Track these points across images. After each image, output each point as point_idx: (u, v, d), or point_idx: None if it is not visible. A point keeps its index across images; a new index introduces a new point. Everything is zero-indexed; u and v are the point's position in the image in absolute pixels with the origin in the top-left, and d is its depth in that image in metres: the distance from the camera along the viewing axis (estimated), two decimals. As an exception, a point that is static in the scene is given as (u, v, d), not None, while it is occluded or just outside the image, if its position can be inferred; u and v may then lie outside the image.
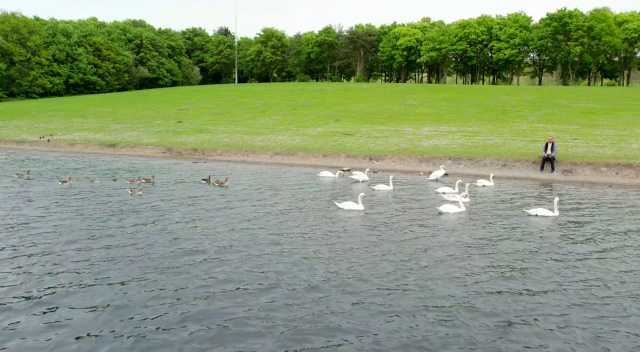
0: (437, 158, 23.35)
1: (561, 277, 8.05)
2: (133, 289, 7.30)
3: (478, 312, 6.61)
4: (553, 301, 7.04)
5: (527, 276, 8.08)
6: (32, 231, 10.58)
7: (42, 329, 6.00)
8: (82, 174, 20.58)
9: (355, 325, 6.21)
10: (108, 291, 7.23)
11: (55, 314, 6.40)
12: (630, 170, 19.49)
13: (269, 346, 5.67)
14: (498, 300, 7.04)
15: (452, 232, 11.03)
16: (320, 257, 9.00)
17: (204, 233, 10.59)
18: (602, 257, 9.14)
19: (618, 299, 7.11)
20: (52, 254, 8.96)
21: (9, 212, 12.58)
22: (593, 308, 6.79)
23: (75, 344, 5.67)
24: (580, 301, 7.03)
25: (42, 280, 7.61)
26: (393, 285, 7.59)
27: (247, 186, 17.54)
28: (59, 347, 5.58)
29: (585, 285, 7.67)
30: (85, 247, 9.40)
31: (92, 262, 8.49)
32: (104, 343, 5.69)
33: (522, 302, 7.00)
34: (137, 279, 7.71)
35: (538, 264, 8.74)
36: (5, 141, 36.53)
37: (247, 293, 7.21)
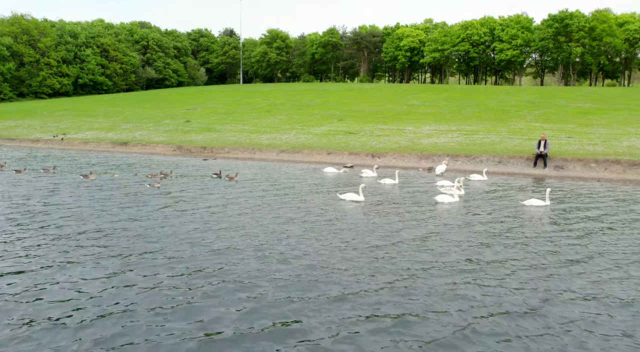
0: (436, 155, 24.48)
1: (549, 247, 9.15)
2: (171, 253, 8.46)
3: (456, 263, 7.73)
4: (531, 263, 8.14)
5: (517, 248, 9.17)
6: (70, 212, 11.76)
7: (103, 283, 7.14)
8: (101, 169, 21.79)
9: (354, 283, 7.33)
10: (148, 258, 8.38)
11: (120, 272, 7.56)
12: (617, 166, 20.55)
13: (265, 288, 6.80)
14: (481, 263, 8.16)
15: (447, 216, 12.13)
16: (319, 236, 10.12)
17: (218, 217, 11.73)
18: (584, 235, 10.21)
19: (592, 266, 8.19)
20: (88, 230, 10.12)
21: (44, 199, 13.77)
22: (560, 271, 7.89)
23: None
24: (554, 266, 8.12)
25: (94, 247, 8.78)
26: (383, 254, 8.71)
27: (256, 180, 18.70)
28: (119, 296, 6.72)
29: (562, 256, 8.76)
30: (120, 227, 10.56)
31: (128, 238, 9.64)
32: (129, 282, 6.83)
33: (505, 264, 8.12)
34: (173, 249, 8.86)
35: (526, 239, 9.83)
36: (20, 139, 37.87)
37: (261, 258, 8.36)
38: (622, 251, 9.36)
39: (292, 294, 6.91)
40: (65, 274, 7.66)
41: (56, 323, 5.95)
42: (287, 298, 6.78)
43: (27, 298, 6.67)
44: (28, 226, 10.68)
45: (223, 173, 19.43)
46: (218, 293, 6.95)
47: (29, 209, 12.50)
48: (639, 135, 26.37)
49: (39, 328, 5.82)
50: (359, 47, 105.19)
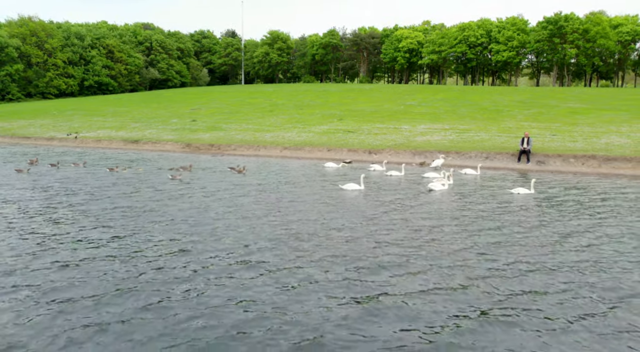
0: (428, 151, 26.35)
1: (531, 227, 11.01)
2: (203, 227, 10.33)
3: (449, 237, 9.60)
4: (511, 239, 10.00)
5: (501, 225, 11.03)
6: (104, 195, 13.64)
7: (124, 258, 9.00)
8: (123, 164, 23.65)
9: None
10: (178, 234, 10.25)
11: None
12: (593, 161, 22.43)
13: (273, 262, 8.66)
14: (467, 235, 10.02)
15: (441, 200, 14.01)
16: (323, 219, 11.99)
17: (232, 201, 13.60)
18: (561, 219, 12.07)
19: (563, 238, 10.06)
20: (123, 209, 11.99)
21: (82, 186, 15.66)
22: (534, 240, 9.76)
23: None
24: (529, 241, 9.99)
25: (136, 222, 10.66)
26: (381, 228, 10.58)
27: (263, 173, 20.58)
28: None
29: (539, 231, 10.62)
30: (152, 208, 12.42)
31: (164, 216, 11.52)
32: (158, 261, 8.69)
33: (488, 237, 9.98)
34: (203, 223, 10.73)
35: (510, 217, 11.70)
36: (35, 138, 39.76)
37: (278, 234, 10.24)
38: (589, 228, 11.24)
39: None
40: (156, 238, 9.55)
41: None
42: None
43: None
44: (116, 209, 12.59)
45: (235, 167, 21.31)
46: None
47: (101, 195, 14.41)
48: (619, 133, 28.24)
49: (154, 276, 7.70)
50: (358, 49, 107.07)
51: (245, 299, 6.72)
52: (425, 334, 5.80)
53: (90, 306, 6.46)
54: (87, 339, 5.57)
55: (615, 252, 9.16)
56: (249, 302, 6.63)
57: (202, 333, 5.74)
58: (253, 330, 5.83)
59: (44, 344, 5.45)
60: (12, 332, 5.72)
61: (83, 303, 6.54)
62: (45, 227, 10.62)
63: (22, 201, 13.63)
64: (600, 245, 9.65)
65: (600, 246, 9.59)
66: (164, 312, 6.29)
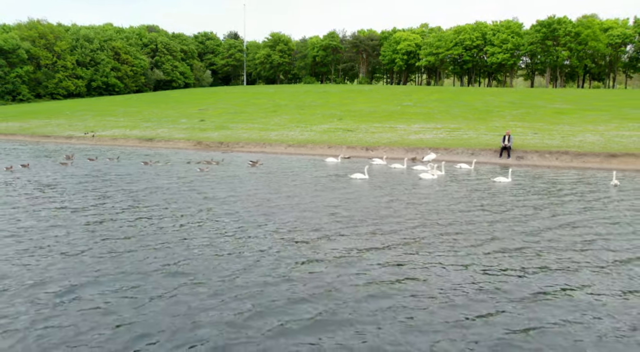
0: (419, 148, 29.01)
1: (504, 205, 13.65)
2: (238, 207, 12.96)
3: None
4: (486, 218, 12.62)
5: (482, 205, 13.67)
6: (147, 185, 16.30)
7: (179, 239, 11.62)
8: (149, 159, 26.32)
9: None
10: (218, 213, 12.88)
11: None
12: (566, 156, 25.09)
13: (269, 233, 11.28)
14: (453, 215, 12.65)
15: (431, 185, 16.66)
16: (334, 203, 14.65)
17: (252, 186, 16.26)
18: (529, 199, 14.71)
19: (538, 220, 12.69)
20: (169, 193, 14.63)
21: (135, 176, 18.32)
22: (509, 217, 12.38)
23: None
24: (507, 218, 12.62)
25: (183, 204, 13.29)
26: (382, 209, 13.21)
27: (274, 166, 23.25)
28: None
29: (513, 211, 13.26)
30: (191, 190, 15.07)
31: (206, 199, 14.17)
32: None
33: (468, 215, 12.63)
34: (239, 199, 13.37)
35: (490, 200, 14.33)
36: (55, 136, 42.43)
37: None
38: (549, 205, 13.91)
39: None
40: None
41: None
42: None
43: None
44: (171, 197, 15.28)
45: (250, 161, 24.00)
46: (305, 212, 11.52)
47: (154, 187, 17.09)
48: (594, 132, 30.90)
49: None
50: (358, 50, 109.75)
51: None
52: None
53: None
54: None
55: (569, 222, 11.72)
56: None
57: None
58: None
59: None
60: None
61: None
62: (150, 210, 13.29)
63: (100, 189, 16.29)
64: (554, 217, 12.30)
65: (554, 217, 12.25)
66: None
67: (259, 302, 6.70)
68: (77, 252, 8.83)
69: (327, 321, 6.18)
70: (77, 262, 8.28)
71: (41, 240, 9.60)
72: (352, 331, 5.93)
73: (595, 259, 8.84)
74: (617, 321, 6.30)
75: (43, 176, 18.93)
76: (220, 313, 6.36)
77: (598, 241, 10.05)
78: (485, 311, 6.55)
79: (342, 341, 5.70)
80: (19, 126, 48.57)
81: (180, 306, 6.56)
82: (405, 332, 5.93)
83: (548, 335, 5.91)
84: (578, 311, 6.56)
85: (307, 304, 6.67)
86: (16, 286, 7.18)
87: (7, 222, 11.02)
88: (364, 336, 5.81)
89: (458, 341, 5.73)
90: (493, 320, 6.28)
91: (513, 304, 6.75)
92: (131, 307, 6.51)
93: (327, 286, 7.35)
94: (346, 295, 7.01)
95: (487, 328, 6.05)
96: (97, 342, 5.59)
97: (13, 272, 7.74)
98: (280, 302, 6.73)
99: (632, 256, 9.02)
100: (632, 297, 7.09)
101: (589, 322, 6.26)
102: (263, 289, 7.17)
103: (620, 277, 7.88)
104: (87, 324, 6.02)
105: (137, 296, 6.90)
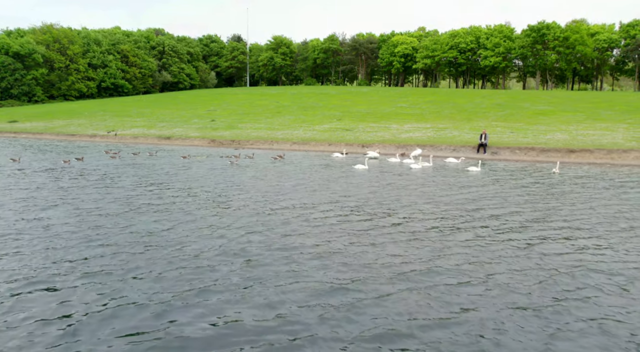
0: (409, 145, 33.11)
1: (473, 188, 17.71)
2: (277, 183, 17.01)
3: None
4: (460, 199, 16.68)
5: (459, 187, 17.73)
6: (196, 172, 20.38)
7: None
8: (182, 154, 30.42)
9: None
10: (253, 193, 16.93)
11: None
12: (533, 152, 29.20)
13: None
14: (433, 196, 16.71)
15: (419, 173, 20.75)
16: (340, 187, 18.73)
17: (278, 174, 20.35)
18: (494, 181, 18.79)
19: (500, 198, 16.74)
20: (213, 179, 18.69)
21: (169, 167, 22.43)
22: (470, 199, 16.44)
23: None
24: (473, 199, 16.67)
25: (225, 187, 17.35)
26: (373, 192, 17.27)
27: (293, 160, 27.38)
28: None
29: (479, 192, 17.31)
30: (231, 174, 19.15)
31: (249, 182, 18.23)
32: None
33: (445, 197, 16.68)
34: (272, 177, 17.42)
35: (467, 182, 18.41)
36: (79, 135, 46.54)
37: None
38: (521, 192, 18.04)
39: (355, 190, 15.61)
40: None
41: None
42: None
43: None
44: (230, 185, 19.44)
45: (274, 156, 28.16)
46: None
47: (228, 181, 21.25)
48: (564, 131, 34.99)
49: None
50: (357, 53, 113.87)
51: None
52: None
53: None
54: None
55: (518, 198, 15.88)
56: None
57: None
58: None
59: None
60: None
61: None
62: (231, 195, 17.40)
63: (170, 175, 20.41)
64: (504, 191, 16.41)
65: (503, 192, 16.37)
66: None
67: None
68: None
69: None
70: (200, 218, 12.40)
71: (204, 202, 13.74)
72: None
73: (471, 217, 12.97)
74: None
75: (121, 166, 23.11)
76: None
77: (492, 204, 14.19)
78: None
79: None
80: (44, 126, 52.68)
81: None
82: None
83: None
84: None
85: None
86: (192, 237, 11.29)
87: (147, 198, 15.15)
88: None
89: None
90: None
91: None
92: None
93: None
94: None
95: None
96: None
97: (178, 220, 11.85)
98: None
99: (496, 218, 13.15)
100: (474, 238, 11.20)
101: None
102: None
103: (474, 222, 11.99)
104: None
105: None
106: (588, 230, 11.47)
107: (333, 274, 8.22)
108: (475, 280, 8.02)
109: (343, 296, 7.28)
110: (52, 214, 12.36)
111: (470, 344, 5.96)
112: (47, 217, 11.99)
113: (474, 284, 7.86)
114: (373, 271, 8.37)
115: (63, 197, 14.80)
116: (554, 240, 10.54)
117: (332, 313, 6.70)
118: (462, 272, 8.41)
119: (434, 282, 7.93)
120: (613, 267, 8.79)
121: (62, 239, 10.09)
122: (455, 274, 8.29)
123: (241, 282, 7.75)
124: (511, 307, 6.98)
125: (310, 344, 5.91)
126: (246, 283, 7.73)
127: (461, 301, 7.19)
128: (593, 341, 6.09)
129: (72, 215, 12.33)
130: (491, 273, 8.38)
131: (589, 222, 12.25)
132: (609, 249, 9.94)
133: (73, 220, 11.76)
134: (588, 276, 8.32)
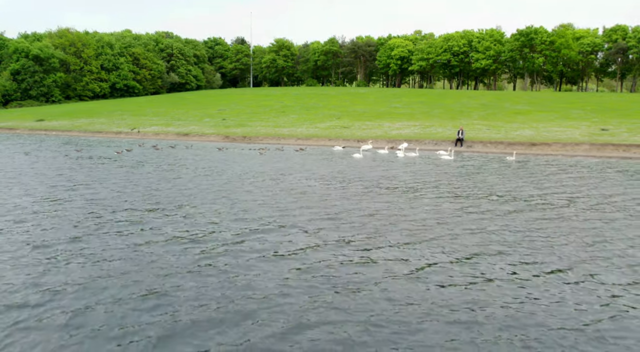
0: (397, 140, 38.46)
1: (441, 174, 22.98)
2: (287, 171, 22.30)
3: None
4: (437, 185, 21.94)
5: (433, 172, 23.01)
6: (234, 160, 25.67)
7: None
8: (215, 147, 35.71)
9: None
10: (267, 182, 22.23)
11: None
12: (501, 145, 34.55)
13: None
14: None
15: (405, 162, 26.04)
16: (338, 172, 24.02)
17: (291, 161, 25.65)
18: (462, 168, 24.06)
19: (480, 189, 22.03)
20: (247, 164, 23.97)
21: (210, 156, 27.76)
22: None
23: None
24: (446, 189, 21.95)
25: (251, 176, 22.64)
26: (366, 177, 22.57)
27: (311, 152, 32.73)
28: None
29: (445, 171, 22.60)
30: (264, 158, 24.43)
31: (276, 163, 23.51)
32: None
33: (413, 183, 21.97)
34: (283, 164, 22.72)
35: (441, 170, 23.67)
36: (105, 132, 51.90)
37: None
38: (492, 181, 23.41)
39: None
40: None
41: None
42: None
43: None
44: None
45: (295, 148, 33.50)
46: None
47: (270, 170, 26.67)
48: (532, 128, 40.28)
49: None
50: (356, 55, 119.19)
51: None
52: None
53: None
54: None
55: (482, 182, 21.21)
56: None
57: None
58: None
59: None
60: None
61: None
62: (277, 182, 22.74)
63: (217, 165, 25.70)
64: (475, 175, 21.73)
65: (475, 176, 21.68)
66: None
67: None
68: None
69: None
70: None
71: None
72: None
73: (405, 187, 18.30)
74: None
75: (170, 156, 28.44)
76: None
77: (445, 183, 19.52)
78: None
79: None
80: (70, 124, 58.03)
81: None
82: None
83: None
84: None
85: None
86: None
87: (208, 179, 20.49)
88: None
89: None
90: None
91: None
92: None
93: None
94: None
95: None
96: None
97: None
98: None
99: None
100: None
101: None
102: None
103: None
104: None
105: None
106: (501, 196, 16.82)
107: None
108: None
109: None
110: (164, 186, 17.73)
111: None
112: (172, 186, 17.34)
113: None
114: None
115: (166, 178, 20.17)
116: (455, 199, 15.86)
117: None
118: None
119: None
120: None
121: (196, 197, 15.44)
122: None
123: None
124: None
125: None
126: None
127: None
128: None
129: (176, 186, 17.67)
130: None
131: (502, 190, 17.57)
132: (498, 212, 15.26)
133: (192, 184, 17.13)
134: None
